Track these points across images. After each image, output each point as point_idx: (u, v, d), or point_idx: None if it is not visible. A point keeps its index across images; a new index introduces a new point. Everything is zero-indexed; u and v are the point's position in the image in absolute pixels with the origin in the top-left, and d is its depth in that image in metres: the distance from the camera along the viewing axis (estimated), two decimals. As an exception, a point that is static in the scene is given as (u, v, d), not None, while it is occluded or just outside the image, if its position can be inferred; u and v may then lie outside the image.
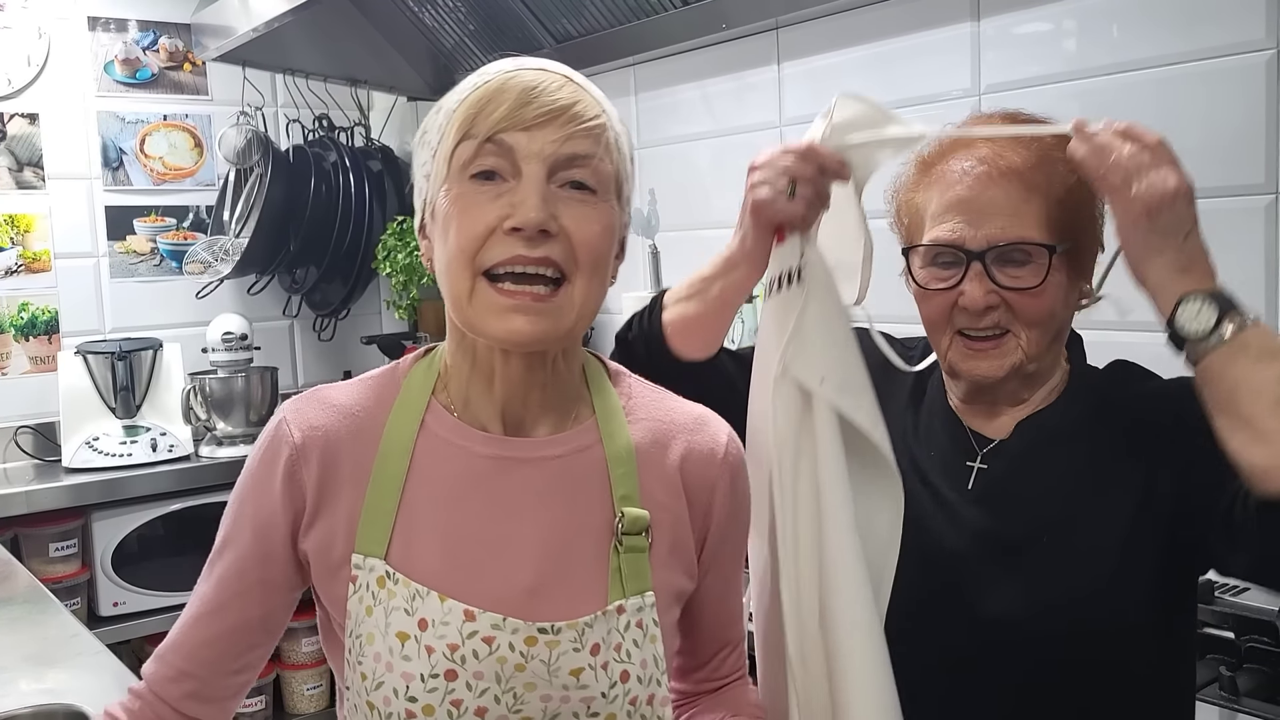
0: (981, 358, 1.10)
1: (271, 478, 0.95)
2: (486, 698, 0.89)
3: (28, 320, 3.00)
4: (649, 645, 0.93)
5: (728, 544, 1.02)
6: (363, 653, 0.91)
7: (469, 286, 0.89)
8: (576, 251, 0.89)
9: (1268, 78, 1.56)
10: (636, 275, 2.76)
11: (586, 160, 0.90)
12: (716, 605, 1.04)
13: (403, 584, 0.91)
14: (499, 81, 0.90)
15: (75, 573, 2.66)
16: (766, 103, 2.38)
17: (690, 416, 1.01)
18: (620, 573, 0.93)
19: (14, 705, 1.39)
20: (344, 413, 0.97)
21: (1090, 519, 1.08)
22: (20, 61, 2.98)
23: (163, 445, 2.81)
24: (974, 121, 1.15)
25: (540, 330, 0.89)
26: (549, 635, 0.90)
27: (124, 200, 3.15)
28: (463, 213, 0.88)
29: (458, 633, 0.90)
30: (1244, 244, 1.61)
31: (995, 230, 1.07)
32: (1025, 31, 1.88)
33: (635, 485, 0.96)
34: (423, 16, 2.95)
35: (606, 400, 0.99)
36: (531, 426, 0.97)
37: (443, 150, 0.91)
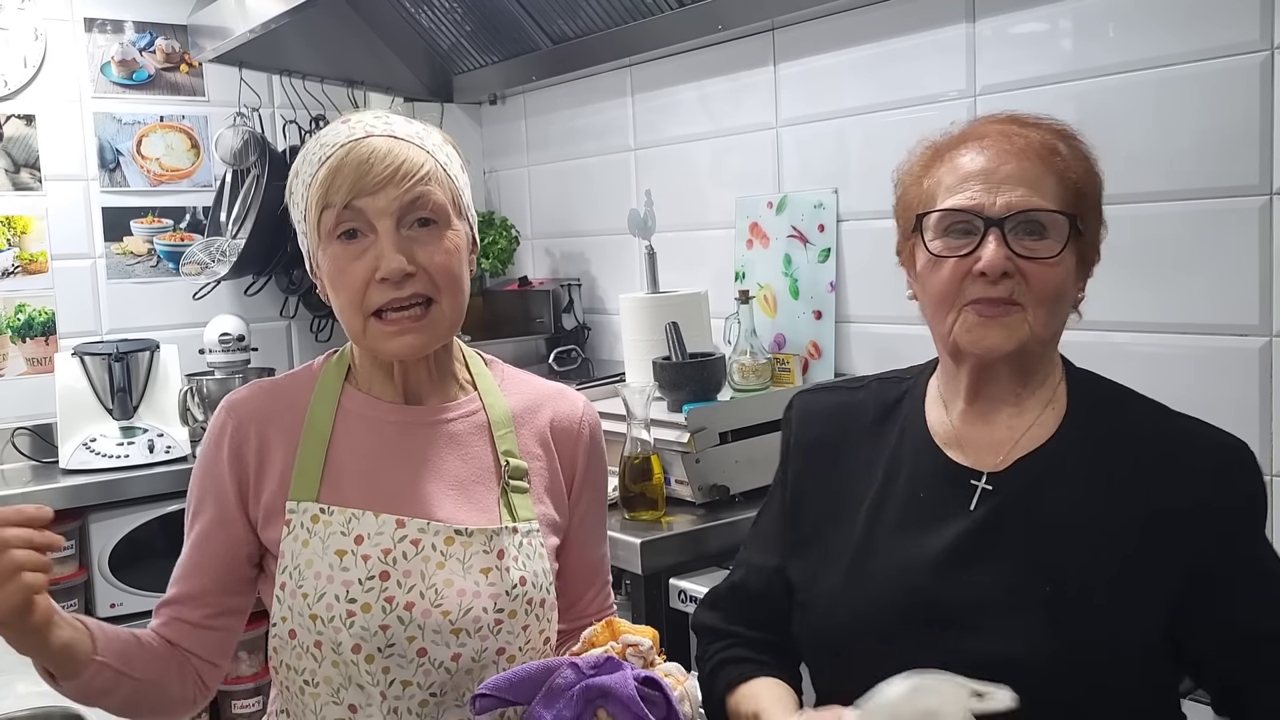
0: (992, 325, 1.07)
1: (220, 458, 1.20)
2: (413, 593, 1.13)
3: (24, 321, 3.00)
4: (538, 560, 1.19)
5: (588, 489, 1.28)
6: (303, 576, 1.14)
7: (362, 325, 1.15)
8: (435, 278, 1.14)
9: (1261, 79, 1.57)
10: (634, 276, 2.76)
11: (425, 201, 1.13)
12: (582, 549, 1.28)
13: (338, 512, 1.15)
14: (338, 158, 1.13)
15: (72, 574, 2.66)
16: (763, 103, 2.38)
17: (554, 389, 1.30)
18: (510, 504, 1.20)
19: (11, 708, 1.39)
20: (272, 394, 1.24)
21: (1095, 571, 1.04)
22: (17, 63, 2.98)
23: (160, 446, 2.80)
24: (980, 122, 1.14)
25: (422, 342, 1.16)
26: (464, 536, 1.16)
27: (121, 201, 3.15)
28: (340, 273, 1.14)
29: (391, 539, 1.14)
30: (1238, 244, 1.61)
31: (1015, 198, 1.06)
32: (1021, 32, 1.88)
33: (514, 442, 1.23)
34: (419, 18, 2.95)
35: (484, 379, 1.27)
36: (426, 400, 1.23)
37: (310, 218, 1.15)
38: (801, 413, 1.26)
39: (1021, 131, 1.09)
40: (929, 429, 1.16)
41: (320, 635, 1.13)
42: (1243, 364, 1.62)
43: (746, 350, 2.23)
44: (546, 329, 2.95)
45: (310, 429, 1.20)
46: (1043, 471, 1.09)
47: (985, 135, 1.10)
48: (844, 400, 1.24)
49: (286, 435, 1.20)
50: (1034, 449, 1.11)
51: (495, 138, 3.31)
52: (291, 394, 1.23)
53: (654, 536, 1.84)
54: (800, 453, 1.24)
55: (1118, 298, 1.76)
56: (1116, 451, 1.09)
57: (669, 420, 2.00)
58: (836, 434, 1.22)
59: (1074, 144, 1.11)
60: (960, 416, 1.15)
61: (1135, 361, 1.74)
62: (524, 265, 3.21)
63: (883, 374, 1.27)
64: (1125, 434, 1.10)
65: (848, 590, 1.13)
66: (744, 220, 2.45)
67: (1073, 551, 1.05)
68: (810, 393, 1.29)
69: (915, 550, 1.10)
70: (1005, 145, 1.08)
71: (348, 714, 1.14)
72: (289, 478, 1.18)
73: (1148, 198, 1.71)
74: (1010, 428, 1.12)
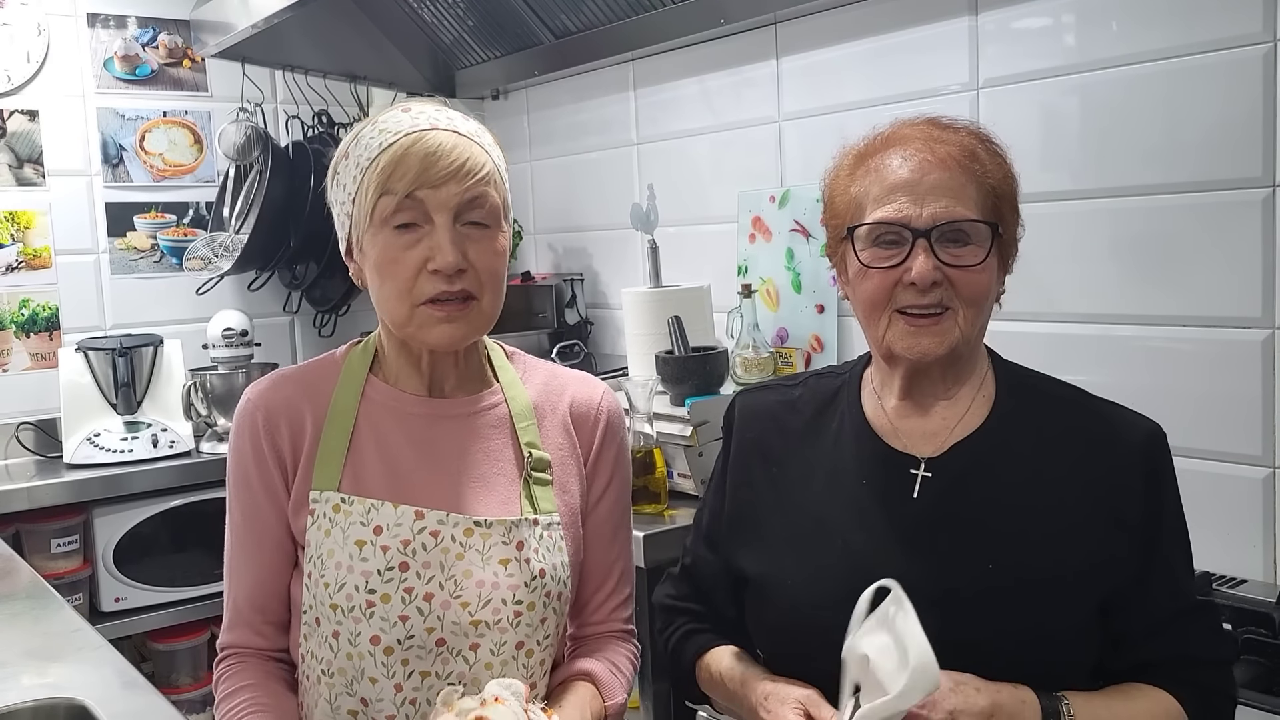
0: (924, 334, 1.11)
1: (259, 450, 1.20)
2: (433, 584, 1.14)
3: (28, 317, 3.01)
4: (557, 553, 1.20)
5: (600, 475, 1.27)
6: (325, 566, 1.15)
7: (409, 312, 1.16)
8: (481, 277, 1.16)
9: (1264, 71, 1.56)
10: (636, 270, 2.77)
11: (482, 202, 1.16)
12: (593, 541, 1.27)
13: (358, 503, 1.16)
14: (404, 145, 1.13)
15: (77, 569, 2.66)
16: (765, 97, 2.38)
17: (575, 376, 1.32)
18: (532, 496, 1.21)
19: (16, 699, 1.39)
20: (297, 383, 1.24)
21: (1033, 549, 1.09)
22: (20, 58, 2.98)
23: (163, 441, 2.81)
24: (901, 126, 1.17)
25: (462, 334, 1.18)
26: (483, 528, 1.17)
27: (124, 197, 3.15)
28: (392, 261, 1.14)
29: (410, 530, 1.15)
30: (1241, 237, 1.61)
31: (940, 209, 1.10)
32: (1023, 26, 1.88)
33: (537, 434, 1.24)
34: (422, 12, 2.95)
35: (506, 373, 1.28)
36: (450, 393, 1.24)
37: (364, 202, 1.15)
38: (742, 413, 1.30)
39: (942, 136, 1.13)
40: (867, 419, 1.20)
41: (339, 625, 1.14)
42: (1246, 357, 1.61)
43: (749, 344, 2.23)
44: (549, 324, 2.95)
45: (334, 418, 1.21)
46: (978, 456, 1.15)
47: (908, 140, 1.14)
48: (781, 398, 1.28)
49: (314, 422, 1.21)
50: (968, 435, 1.16)
51: (498, 133, 3.25)
52: (315, 382, 1.24)
53: (656, 530, 1.84)
54: (741, 452, 1.27)
55: (1121, 291, 1.76)
56: (1044, 434, 1.15)
57: (672, 414, 2.01)
58: (775, 432, 1.25)
59: (991, 147, 1.16)
60: (895, 409, 1.20)
61: (1138, 354, 1.74)
62: (527, 260, 3.21)
63: (818, 370, 1.32)
64: (1051, 418, 1.16)
65: (800, 581, 1.16)
66: (746, 214, 2.45)
67: (1012, 531, 1.10)
68: (750, 393, 1.33)
69: (863, 537, 1.14)
70: (928, 155, 1.12)
71: (360, 706, 1.15)
72: (313, 466, 1.19)
73: (1151, 190, 1.71)
74: (944, 417, 1.17)
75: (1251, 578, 1.61)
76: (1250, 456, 1.62)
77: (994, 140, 1.16)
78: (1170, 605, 1.11)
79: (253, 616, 1.22)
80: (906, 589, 1.07)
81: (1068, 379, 1.22)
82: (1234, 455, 1.63)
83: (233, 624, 1.23)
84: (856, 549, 1.14)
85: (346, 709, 1.15)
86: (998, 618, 1.07)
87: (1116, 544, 1.10)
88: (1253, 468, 1.62)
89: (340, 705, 1.16)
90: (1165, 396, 1.68)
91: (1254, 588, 1.57)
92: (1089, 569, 1.09)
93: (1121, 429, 1.14)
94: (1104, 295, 1.78)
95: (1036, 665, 1.07)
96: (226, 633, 1.23)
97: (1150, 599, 1.11)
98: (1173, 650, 1.11)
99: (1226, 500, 1.63)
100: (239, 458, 1.22)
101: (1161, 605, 1.11)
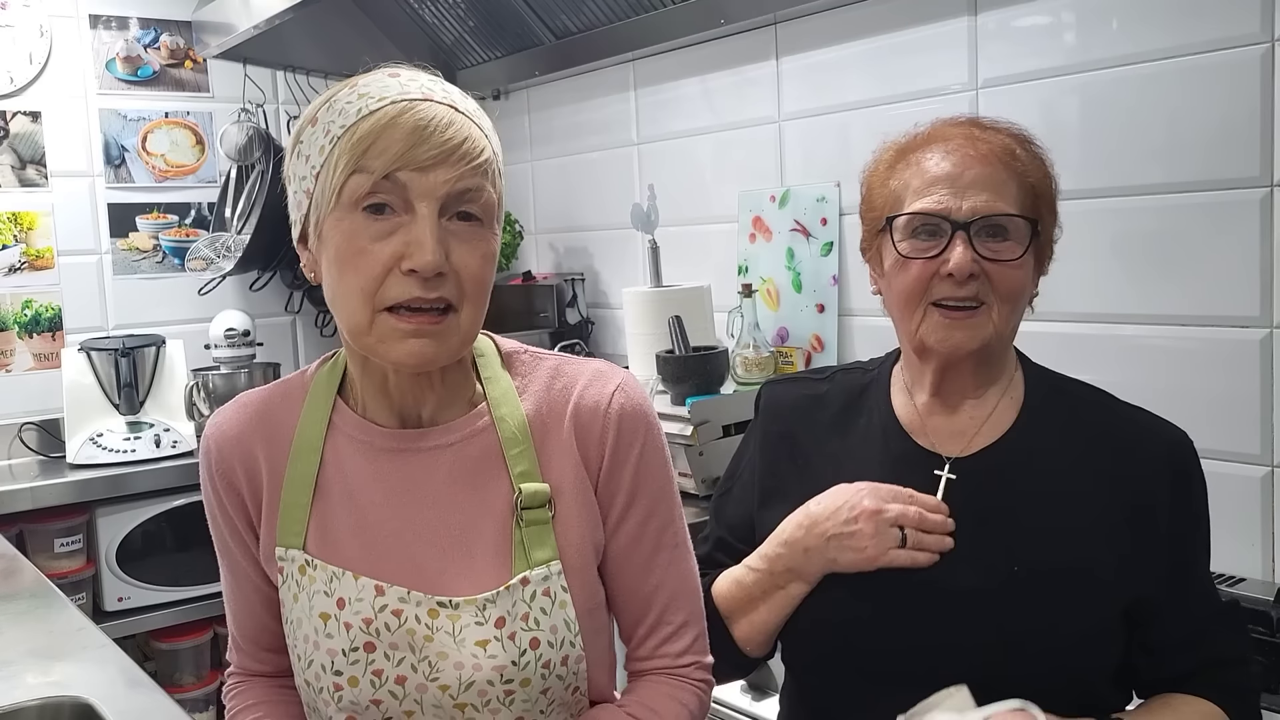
0: (957, 327, 1.11)
1: (215, 492, 1.08)
2: (404, 666, 0.97)
3: (31, 317, 3.02)
4: (558, 611, 1.00)
5: (620, 494, 1.04)
6: (295, 636, 1.02)
7: (369, 319, 0.94)
8: (464, 285, 0.95)
9: (1262, 71, 1.57)
10: (637, 270, 2.77)
11: (476, 195, 0.94)
12: (620, 572, 1.05)
13: (321, 568, 1.01)
14: (389, 115, 0.92)
15: (80, 568, 2.67)
16: (765, 97, 2.39)
17: (586, 371, 1.06)
18: (523, 546, 0.99)
19: (21, 698, 1.40)
20: (258, 413, 1.07)
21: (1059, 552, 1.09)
22: (22, 59, 2.99)
23: (166, 441, 2.81)
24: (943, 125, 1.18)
25: (433, 353, 0.95)
26: (449, 609, 0.98)
27: (126, 197, 3.16)
28: (359, 253, 0.92)
29: (370, 607, 0.98)
30: (1238, 237, 1.61)
31: (980, 202, 1.10)
32: (1023, 25, 1.88)
33: (534, 460, 1.02)
34: (423, 13, 2.96)
35: (497, 385, 1.05)
36: (427, 420, 1.04)
37: (331, 178, 0.93)
38: (769, 404, 1.30)
39: (983, 136, 1.13)
40: (896, 416, 1.20)
41: (313, 702, 1.03)
42: (1244, 356, 1.62)
43: (749, 344, 2.23)
44: (550, 323, 2.96)
45: (297, 458, 1.04)
46: (1006, 457, 1.15)
47: (949, 138, 1.14)
48: (809, 392, 1.28)
49: (272, 466, 1.05)
50: (997, 437, 1.16)
51: (498, 133, 3.29)
52: (277, 413, 1.07)
53: (658, 529, 1.84)
54: (769, 445, 1.27)
55: (1119, 290, 1.76)
56: (1072, 438, 1.15)
57: (672, 413, 2.01)
58: (803, 425, 1.25)
59: (1031, 148, 1.16)
60: (925, 406, 1.20)
61: (1136, 354, 1.75)
62: (528, 260, 3.21)
63: (846, 365, 1.32)
64: (1079, 422, 1.16)
65: (827, 579, 1.15)
66: (747, 214, 2.45)
67: (1037, 532, 1.10)
68: (777, 384, 1.32)
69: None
70: (969, 150, 1.12)
71: None
72: (276, 517, 1.04)
73: (1149, 190, 1.72)
74: (972, 417, 1.17)
75: (1250, 576, 1.61)
76: (1249, 455, 1.62)
77: (1035, 142, 1.16)
78: (1203, 614, 1.12)
79: (248, 646, 1.14)
80: (928, 586, 1.08)
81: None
82: (1232, 454, 1.63)
83: (234, 649, 1.15)
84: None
85: None
86: (1021, 619, 1.07)
87: (1141, 549, 1.09)
88: (1251, 466, 1.62)
89: None
90: (1164, 395, 1.69)
91: (1252, 586, 1.58)
92: (1113, 572, 1.08)
93: (1149, 435, 1.14)
94: (1102, 294, 1.79)
95: (1059, 667, 1.07)
96: (230, 654, 1.16)
97: (1185, 610, 1.11)
98: (1207, 656, 1.11)
99: (1225, 499, 1.64)
100: (205, 497, 1.10)
101: (1195, 615, 1.11)
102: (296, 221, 1.00)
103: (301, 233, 1.00)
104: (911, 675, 1.08)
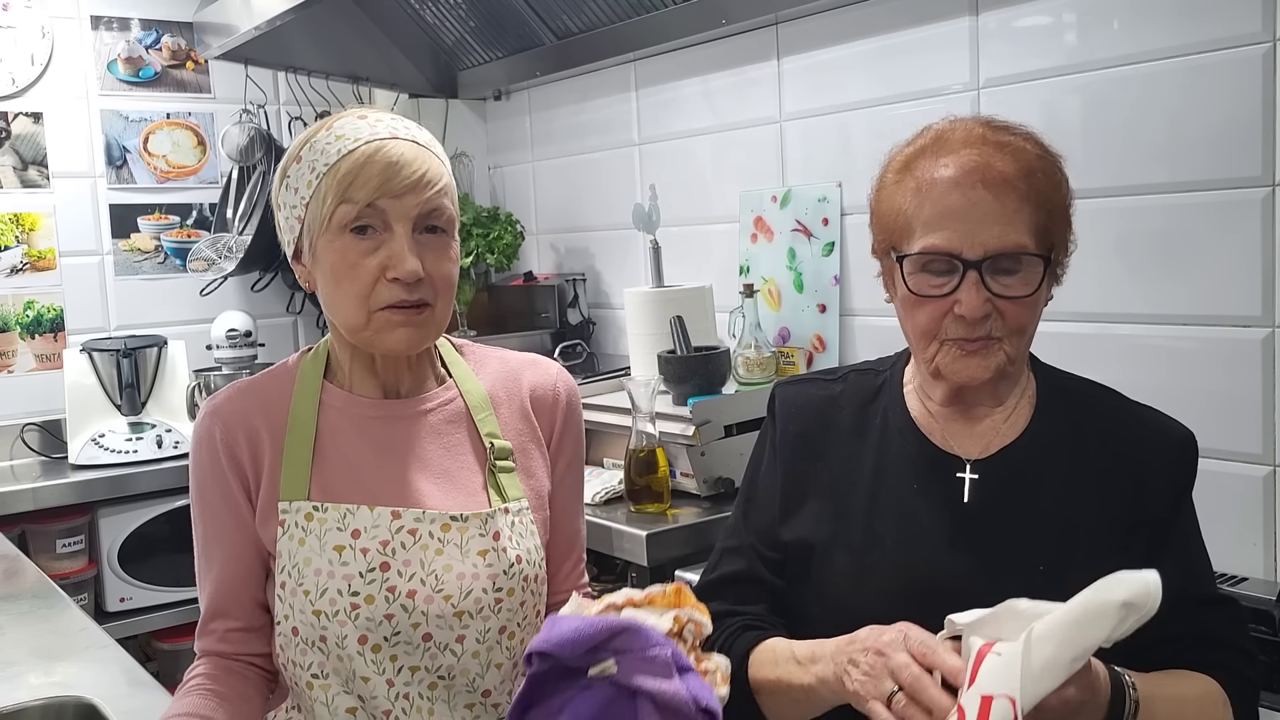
0: (971, 360, 1.10)
1: (216, 463, 1.21)
2: (414, 581, 1.16)
3: (33, 318, 3.02)
4: (530, 537, 1.23)
5: (563, 456, 1.30)
6: (303, 574, 1.16)
7: (365, 319, 1.16)
8: (437, 285, 1.17)
9: (1264, 71, 1.57)
10: (639, 271, 2.77)
11: (440, 212, 1.17)
12: (560, 519, 1.29)
13: (332, 509, 1.18)
14: (366, 154, 1.14)
15: (82, 569, 2.67)
16: (767, 98, 2.39)
17: (527, 360, 1.34)
18: (499, 485, 1.23)
19: (24, 698, 1.40)
20: (253, 395, 1.25)
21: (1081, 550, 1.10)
22: (24, 60, 2.99)
23: (168, 442, 2.82)
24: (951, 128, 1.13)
25: (418, 338, 1.19)
26: (460, 522, 1.19)
27: (128, 198, 3.16)
28: (352, 267, 1.14)
29: (388, 530, 1.17)
30: (1241, 236, 1.61)
31: (991, 239, 1.07)
32: (1024, 25, 1.88)
33: (495, 423, 1.26)
34: (424, 14, 2.96)
35: (459, 367, 1.30)
36: (406, 394, 1.25)
37: (321, 208, 1.15)
38: (784, 404, 1.28)
39: (997, 152, 1.08)
40: (912, 418, 1.20)
41: (325, 630, 1.15)
42: (1246, 355, 1.62)
43: (751, 344, 2.23)
44: (552, 324, 2.96)
45: (294, 428, 1.21)
46: (1025, 458, 1.15)
47: (957, 150, 1.09)
48: (823, 393, 1.27)
49: (272, 435, 1.21)
50: (1014, 438, 1.16)
51: (500, 133, 3.32)
52: (272, 393, 1.25)
53: (659, 529, 1.85)
54: (787, 445, 1.25)
55: (1121, 289, 1.76)
56: (1085, 436, 1.15)
57: (674, 413, 2.01)
58: (819, 426, 1.24)
59: (1048, 161, 1.11)
60: (940, 410, 1.19)
61: (1139, 352, 1.75)
62: (529, 260, 3.21)
63: (856, 365, 1.31)
64: (1091, 420, 1.17)
65: (847, 579, 1.15)
66: (748, 214, 2.45)
67: (1059, 533, 1.11)
68: (790, 385, 1.30)
69: (912, 537, 1.14)
70: (979, 177, 1.07)
71: (358, 703, 1.17)
72: (278, 477, 1.20)
73: (1151, 190, 1.72)
74: (990, 419, 1.17)
75: (1252, 575, 1.61)
76: (1251, 454, 1.62)
77: (1049, 150, 1.13)
78: (1190, 590, 1.11)
79: (216, 624, 1.23)
80: (957, 591, 1.06)
81: (1068, 377, 1.23)
82: (1234, 453, 1.63)
83: (200, 634, 1.24)
84: (905, 549, 1.13)
85: (344, 708, 1.17)
86: None
87: (1152, 545, 1.10)
88: (1253, 465, 1.62)
89: (338, 705, 1.17)
90: (1166, 394, 1.68)
91: (1254, 585, 1.57)
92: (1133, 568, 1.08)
93: (1159, 433, 1.15)
94: (1104, 294, 1.79)
95: None
96: (196, 640, 1.25)
97: (1190, 603, 1.10)
98: (1199, 632, 1.12)
99: (1227, 498, 1.64)
100: (198, 470, 1.23)
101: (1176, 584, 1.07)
102: (290, 241, 1.21)
103: (295, 250, 1.20)
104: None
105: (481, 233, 2.99)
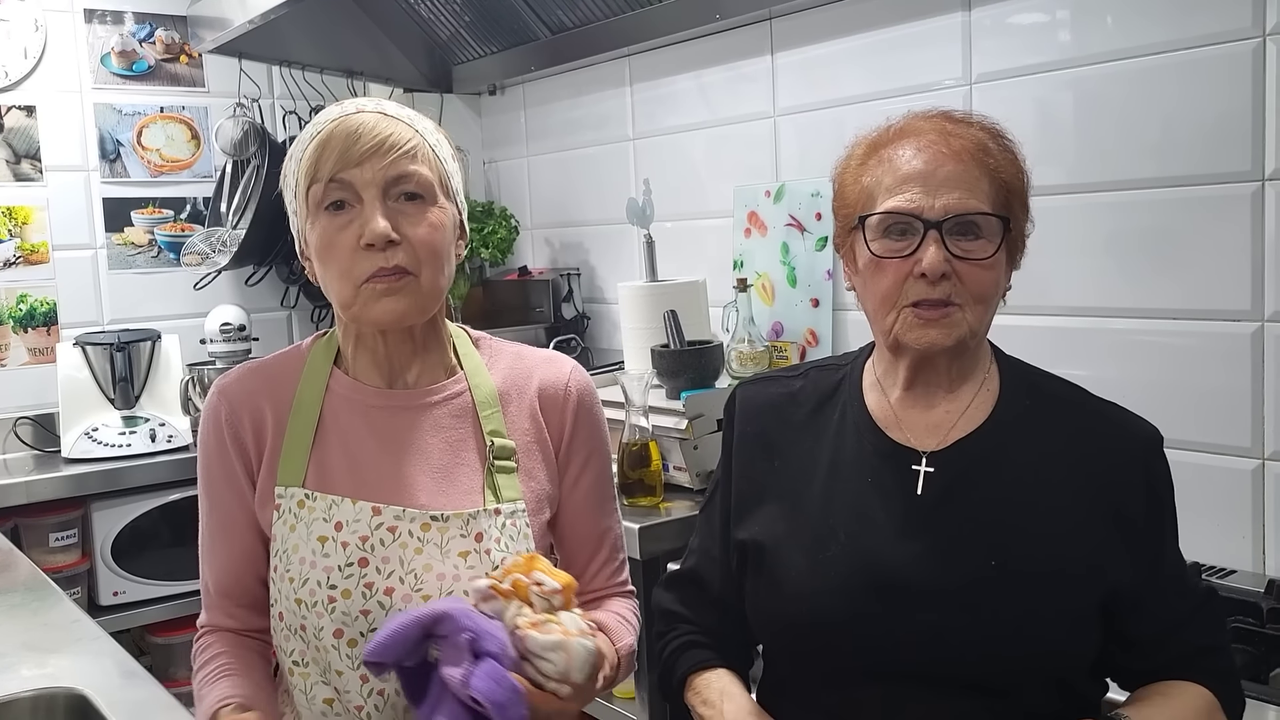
0: (932, 326, 1.11)
1: (221, 442, 1.22)
2: (393, 579, 1.15)
3: (26, 312, 3.01)
4: (522, 541, 1.19)
5: (577, 455, 1.27)
6: (290, 561, 1.16)
7: (352, 293, 1.15)
8: (418, 251, 1.14)
9: (1254, 66, 1.58)
10: (633, 265, 2.78)
11: (410, 177, 1.15)
12: (577, 518, 1.28)
13: (320, 499, 1.17)
14: (328, 131, 1.15)
15: (75, 562, 2.67)
16: (760, 93, 2.39)
17: (541, 357, 1.30)
18: (495, 485, 1.20)
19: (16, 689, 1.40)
20: (261, 376, 1.25)
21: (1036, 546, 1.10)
22: (17, 54, 2.99)
23: (161, 436, 2.82)
24: (914, 119, 1.17)
25: (404, 308, 1.15)
26: (440, 522, 1.17)
27: (121, 192, 3.15)
28: (329, 245, 1.15)
29: (367, 526, 1.16)
30: (1230, 230, 1.62)
31: (952, 201, 1.09)
32: (1017, 21, 1.89)
33: (501, 421, 1.23)
34: (418, 8, 2.96)
35: (471, 360, 1.27)
36: (413, 384, 1.24)
37: (299, 193, 1.17)
38: (742, 406, 1.29)
39: (955, 130, 1.13)
40: (869, 412, 1.20)
41: (304, 619, 1.16)
42: (1235, 349, 1.63)
43: (744, 338, 2.24)
44: (546, 318, 2.96)
45: (298, 412, 1.21)
46: (981, 452, 1.15)
47: (920, 133, 1.13)
48: (783, 390, 1.28)
49: (277, 417, 1.22)
50: (972, 430, 1.16)
51: (494, 128, 3.32)
52: (279, 375, 1.25)
53: (652, 522, 1.85)
54: (743, 446, 1.27)
55: (1111, 284, 1.77)
56: (1047, 433, 1.15)
57: (667, 407, 2.02)
58: (776, 424, 1.25)
59: (1003, 142, 1.15)
60: (898, 401, 1.20)
61: (1129, 347, 1.75)
62: (524, 255, 3.22)
63: (818, 361, 1.32)
64: (1053, 416, 1.17)
65: (801, 574, 1.16)
66: (742, 209, 2.46)
67: (1014, 527, 1.11)
68: (750, 385, 1.32)
69: (865, 531, 1.15)
70: (942, 147, 1.11)
71: (334, 695, 1.17)
72: (277, 462, 1.20)
73: (1141, 184, 1.72)
74: (947, 410, 1.18)
75: (1240, 568, 1.62)
76: (1240, 448, 1.63)
77: (1006, 135, 1.16)
78: (1180, 604, 1.13)
79: (223, 601, 1.24)
80: (909, 583, 1.09)
81: (1058, 372, 1.23)
82: (1223, 446, 1.64)
83: (206, 607, 1.26)
84: (858, 543, 1.14)
85: (321, 698, 1.17)
86: (999, 612, 1.08)
87: (1115, 541, 1.11)
88: (1242, 459, 1.63)
89: (316, 695, 1.17)
90: (1155, 388, 1.70)
91: (1243, 578, 1.58)
92: (1090, 565, 1.09)
93: (1123, 430, 1.15)
94: (1094, 288, 1.80)
95: (1038, 660, 1.08)
96: (202, 614, 1.27)
97: (1164, 601, 1.12)
98: (1191, 644, 1.13)
99: (1216, 491, 1.65)
100: (204, 449, 1.24)
101: (1174, 606, 1.13)
102: (298, 239, 1.22)
103: (302, 246, 1.22)
104: (891, 671, 1.09)
105: (476, 227, 2.99)
